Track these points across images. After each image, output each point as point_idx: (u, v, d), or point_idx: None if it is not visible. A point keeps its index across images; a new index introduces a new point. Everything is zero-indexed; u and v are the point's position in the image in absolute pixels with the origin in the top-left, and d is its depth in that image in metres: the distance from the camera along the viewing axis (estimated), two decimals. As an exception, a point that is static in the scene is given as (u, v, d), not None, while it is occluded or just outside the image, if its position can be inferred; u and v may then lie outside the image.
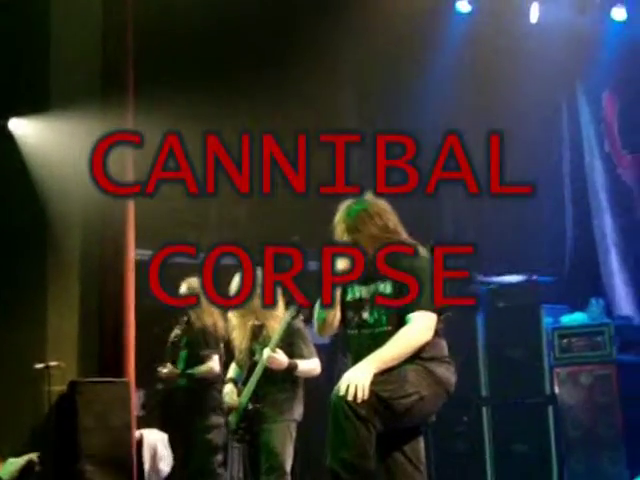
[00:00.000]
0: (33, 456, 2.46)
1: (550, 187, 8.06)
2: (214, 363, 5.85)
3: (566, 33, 7.43)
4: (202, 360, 5.94)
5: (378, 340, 3.53)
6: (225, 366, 5.64)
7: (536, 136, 7.95)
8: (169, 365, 6.16)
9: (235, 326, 4.88)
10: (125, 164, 6.20)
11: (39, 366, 5.99)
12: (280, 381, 4.71)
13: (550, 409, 6.77)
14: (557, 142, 8.18)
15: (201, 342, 5.98)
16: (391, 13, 7.43)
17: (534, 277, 7.25)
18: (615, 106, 7.75)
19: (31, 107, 6.35)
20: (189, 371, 5.99)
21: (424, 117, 8.04)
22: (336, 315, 3.73)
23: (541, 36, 7.45)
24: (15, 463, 2.48)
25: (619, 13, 7.41)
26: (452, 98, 8.12)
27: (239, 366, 4.95)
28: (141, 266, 6.66)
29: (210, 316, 5.98)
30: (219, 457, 6.07)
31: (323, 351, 6.20)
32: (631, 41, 7.50)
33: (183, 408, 6.18)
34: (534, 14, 7.48)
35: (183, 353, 6.16)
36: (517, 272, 7.47)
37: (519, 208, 7.95)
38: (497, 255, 8.00)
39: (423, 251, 3.68)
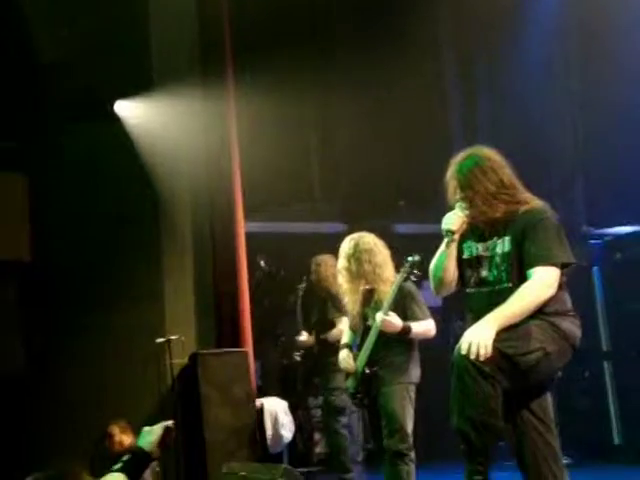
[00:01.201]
0: (169, 423, 2.50)
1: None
2: (345, 325, 5.94)
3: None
4: (332, 324, 6.07)
5: (499, 297, 3.47)
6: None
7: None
8: (304, 333, 6.41)
9: (346, 291, 4.87)
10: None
11: (160, 340, 6.15)
12: (395, 344, 4.68)
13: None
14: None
15: (329, 306, 6.15)
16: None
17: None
18: None
19: (135, 89, 6.47)
20: (322, 336, 6.16)
21: (529, 78, 7.87)
22: (454, 273, 3.68)
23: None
24: (152, 431, 2.52)
25: None
26: (556, 58, 7.93)
27: (353, 331, 4.95)
28: (251, 238, 6.79)
29: (328, 281, 6.13)
30: (343, 419, 6.20)
31: (437, 313, 6.18)
32: None
33: (310, 372, 6.38)
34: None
35: (314, 318, 6.34)
36: (630, 223, 7.23)
37: (630, 162, 7.70)
38: (609, 207, 7.77)
39: (541, 204, 3.58)
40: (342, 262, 4.89)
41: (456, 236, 3.61)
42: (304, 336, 6.51)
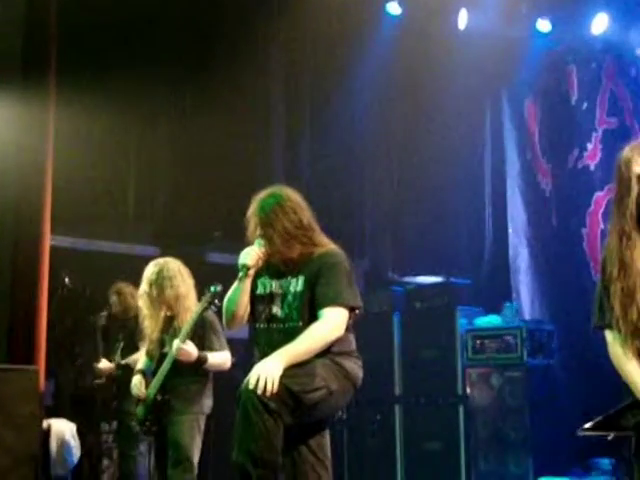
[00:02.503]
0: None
1: (471, 192, 8.21)
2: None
3: (492, 41, 7.57)
4: (137, 349, 5.97)
5: (288, 335, 3.54)
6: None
7: (460, 141, 8.08)
8: (103, 360, 6.24)
9: (146, 316, 4.82)
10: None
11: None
12: (189, 373, 4.67)
13: (461, 409, 6.90)
14: (480, 147, 8.32)
15: (135, 332, 6.00)
16: (320, 14, 7.49)
17: (451, 279, 7.37)
18: (537, 115, 7.92)
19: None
20: (124, 361, 6.07)
21: (352, 120, 8.12)
22: (246, 309, 3.72)
23: (468, 43, 7.57)
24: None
25: (544, 25, 7.57)
26: (380, 100, 8.21)
27: (149, 357, 4.89)
28: (60, 254, 6.59)
29: (132, 309, 6.04)
30: (141, 446, 6.07)
31: (241, 344, 6.22)
32: (554, 52, 7.68)
33: (110, 396, 6.28)
34: (462, 21, 7.59)
35: (119, 344, 6.20)
36: (435, 273, 7.57)
37: (439, 211, 8.08)
38: (416, 256, 8.12)
39: (336, 248, 3.70)
40: (144, 287, 4.84)
41: (251, 271, 3.66)
42: (103, 363, 6.33)
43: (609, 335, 3.00)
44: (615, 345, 2.97)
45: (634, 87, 7.17)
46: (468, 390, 6.82)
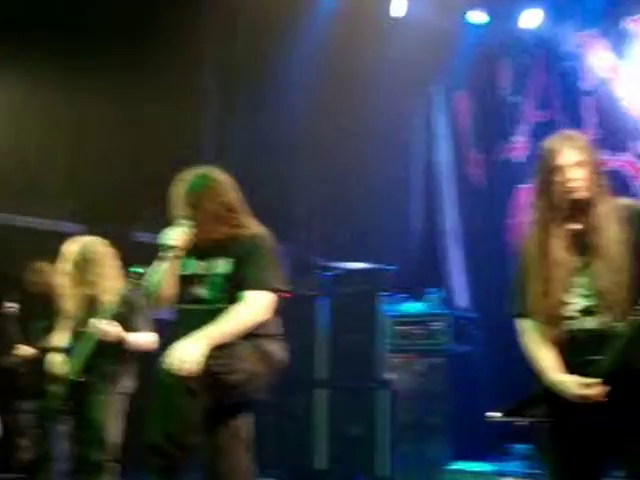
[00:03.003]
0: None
1: (401, 180, 8.26)
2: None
3: (426, 31, 7.59)
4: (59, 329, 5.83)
5: (211, 316, 3.52)
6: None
7: (393, 130, 8.12)
8: (23, 347, 6.04)
9: (68, 296, 4.74)
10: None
11: None
12: (111, 353, 4.62)
13: (384, 394, 6.97)
14: (411, 137, 8.37)
15: (56, 312, 5.85)
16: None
17: (377, 265, 7.42)
18: (467, 106, 8.01)
19: None
20: (46, 343, 5.88)
21: (284, 110, 8.09)
22: (172, 289, 3.69)
23: (402, 32, 7.59)
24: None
25: (477, 16, 7.65)
26: (313, 85, 8.19)
27: (70, 337, 4.81)
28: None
29: (51, 288, 5.88)
30: (60, 425, 5.95)
31: (167, 325, 6.15)
32: (486, 44, 7.76)
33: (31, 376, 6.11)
34: (395, 9, 7.61)
35: (40, 326, 6.03)
36: (362, 260, 7.62)
37: (368, 198, 8.12)
38: (344, 242, 8.15)
39: (263, 231, 3.69)
40: (66, 266, 4.77)
41: (177, 252, 3.63)
42: (22, 349, 6.11)
43: (522, 323, 3.07)
44: (526, 333, 3.04)
45: (563, 82, 7.30)
46: (391, 375, 6.89)
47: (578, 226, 2.96)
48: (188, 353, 3.36)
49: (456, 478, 6.17)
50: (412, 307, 7.12)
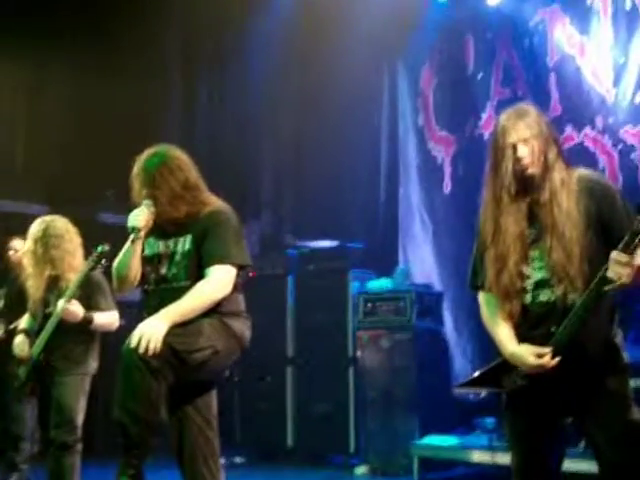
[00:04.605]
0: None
1: (367, 157, 8.26)
2: None
3: (390, 8, 7.57)
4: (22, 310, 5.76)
5: (176, 295, 3.51)
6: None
7: (358, 107, 8.10)
8: None
9: (30, 275, 4.70)
10: None
11: None
12: (74, 334, 4.58)
13: (351, 371, 7.02)
14: (376, 114, 8.36)
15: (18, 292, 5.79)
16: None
17: (344, 243, 7.44)
18: (432, 82, 8.01)
19: None
20: (12, 325, 5.82)
21: (249, 90, 8.06)
22: (138, 272, 3.66)
23: (366, 9, 7.57)
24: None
25: (444, -9, 7.63)
26: (278, 65, 8.16)
27: (32, 317, 4.78)
28: None
29: (19, 267, 5.82)
30: (24, 406, 5.91)
31: (133, 306, 6.12)
32: (451, 21, 7.76)
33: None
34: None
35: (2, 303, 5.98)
36: (329, 237, 7.63)
37: (335, 176, 8.12)
38: (311, 220, 8.15)
39: (224, 205, 3.68)
40: (29, 244, 4.73)
41: (142, 233, 3.60)
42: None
43: (481, 297, 3.09)
44: (486, 306, 3.06)
45: (527, 58, 7.31)
46: (359, 352, 6.93)
47: (530, 200, 2.97)
48: (150, 332, 3.34)
49: (424, 452, 6.22)
50: (378, 284, 7.13)
